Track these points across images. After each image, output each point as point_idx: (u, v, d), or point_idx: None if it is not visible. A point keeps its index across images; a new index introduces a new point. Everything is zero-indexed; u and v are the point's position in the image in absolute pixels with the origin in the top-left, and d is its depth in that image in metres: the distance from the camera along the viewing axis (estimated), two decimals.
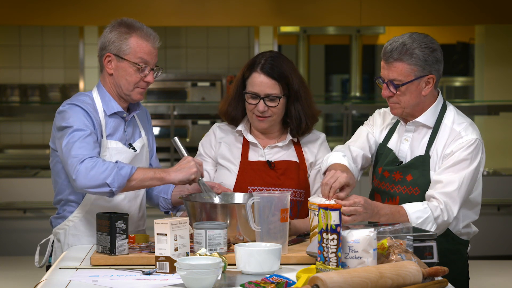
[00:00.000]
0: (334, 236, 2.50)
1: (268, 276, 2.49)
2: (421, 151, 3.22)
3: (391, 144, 3.31)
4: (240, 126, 3.47)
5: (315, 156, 3.46)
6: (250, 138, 3.45)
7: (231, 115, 3.48)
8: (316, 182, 3.44)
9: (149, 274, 2.70)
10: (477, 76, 8.83)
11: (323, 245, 2.52)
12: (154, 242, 2.79)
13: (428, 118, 3.23)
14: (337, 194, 2.96)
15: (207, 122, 8.35)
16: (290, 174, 3.40)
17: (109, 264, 2.85)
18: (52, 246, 3.35)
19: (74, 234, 3.28)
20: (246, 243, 2.78)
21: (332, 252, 2.51)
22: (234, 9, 7.52)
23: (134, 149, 3.31)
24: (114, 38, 3.21)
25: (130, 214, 3.20)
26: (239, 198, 3.25)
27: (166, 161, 7.66)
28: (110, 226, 2.89)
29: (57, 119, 3.20)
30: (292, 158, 3.44)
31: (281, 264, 2.76)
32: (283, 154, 3.45)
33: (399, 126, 3.32)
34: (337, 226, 2.50)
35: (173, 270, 2.66)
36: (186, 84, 8.48)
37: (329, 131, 11.12)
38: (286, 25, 9.24)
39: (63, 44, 8.77)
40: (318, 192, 3.34)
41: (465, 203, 3.17)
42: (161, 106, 8.14)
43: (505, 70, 8.55)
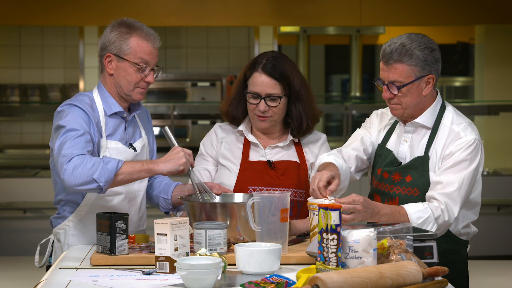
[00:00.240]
0: (334, 236, 2.50)
1: (268, 276, 2.49)
2: (420, 152, 3.22)
3: (390, 145, 3.31)
4: (241, 126, 3.47)
5: (316, 156, 3.46)
6: (251, 138, 3.46)
7: (232, 115, 3.48)
8: None
9: (149, 274, 2.70)
10: (477, 76, 8.83)
11: (323, 245, 2.52)
12: (154, 242, 2.79)
13: (427, 118, 3.23)
14: (328, 190, 2.97)
15: (207, 122, 8.34)
16: (291, 174, 3.40)
17: (109, 264, 2.85)
18: (52, 246, 3.35)
19: (74, 234, 3.27)
20: (246, 243, 2.78)
21: (332, 252, 2.51)
22: (234, 9, 7.52)
23: (134, 149, 3.30)
24: (114, 38, 3.21)
25: (130, 214, 3.19)
26: (239, 198, 3.25)
27: None
28: (110, 226, 2.89)
29: (54, 119, 3.20)
30: (292, 158, 3.45)
31: (281, 264, 2.76)
32: (284, 154, 3.45)
33: (398, 127, 3.32)
34: (337, 226, 2.50)
35: (173, 270, 2.66)
36: (186, 84, 8.47)
37: (329, 131, 11.12)
38: (286, 25, 9.24)
39: (63, 44, 8.76)
40: None
41: (464, 204, 3.17)
42: (161, 106, 8.14)
43: (505, 70, 8.55)
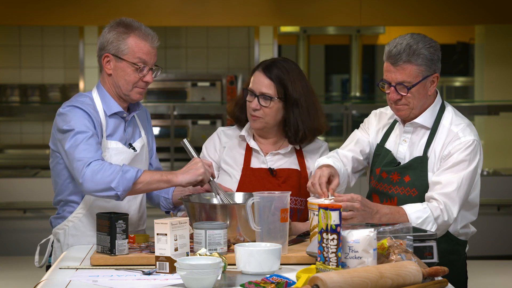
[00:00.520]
0: (334, 236, 2.50)
1: (268, 276, 2.49)
2: (419, 152, 3.22)
3: (389, 145, 3.31)
4: (243, 131, 3.48)
5: None
6: (253, 144, 3.46)
7: (236, 115, 3.51)
8: None
9: (149, 274, 2.70)
10: (477, 76, 8.83)
11: (323, 245, 2.52)
12: (154, 242, 2.79)
13: (426, 119, 3.22)
14: (330, 188, 3.00)
15: (207, 122, 8.35)
16: (292, 182, 3.41)
17: (109, 264, 2.85)
18: (52, 246, 3.35)
19: (74, 234, 3.27)
20: (246, 243, 2.78)
21: (332, 252, 2.51)
22: (234, 9, 7.52)
23: (134, 149, 3.30)
24: (112, 38, 3.21)
25: (130, 214, 3.20)
26: (239, 198, 3.25)
27: (166, 161, 7.66)
28: (110, 226, 2.89)
29: (58, 121, 3.19)
30: (293, 166, 3.45)
31: (281, 264, 2.75)
32: (285, 161, 3.46)
33: (397, 127, 3.31)
34: (337, 226, 2.50)
35: (173, 270, 2.66)
36: (186, 84, 8.47)
37: (329, 131, 11.07)
38: (286, 25, 9.24)
39: (63, 44, 8.76)
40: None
41: (463, 204, 3.17)
42: (161, 106, 8.14)
43: (505, 70, 8.55)
